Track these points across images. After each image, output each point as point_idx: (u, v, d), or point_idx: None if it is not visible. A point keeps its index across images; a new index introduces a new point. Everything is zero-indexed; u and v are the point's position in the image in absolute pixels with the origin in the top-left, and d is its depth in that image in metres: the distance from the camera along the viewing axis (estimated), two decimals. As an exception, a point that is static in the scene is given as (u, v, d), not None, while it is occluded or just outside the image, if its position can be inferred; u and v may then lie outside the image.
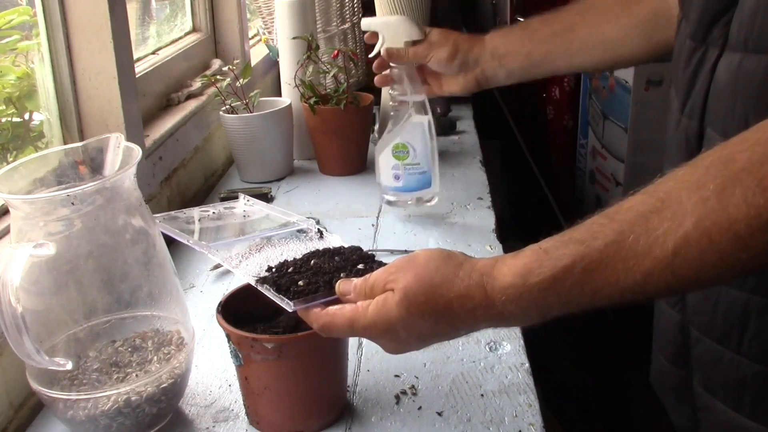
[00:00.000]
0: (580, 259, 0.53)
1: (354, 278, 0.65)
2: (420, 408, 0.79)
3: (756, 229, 0.47)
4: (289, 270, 0.70)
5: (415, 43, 1.08)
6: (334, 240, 0.77)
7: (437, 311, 0.58)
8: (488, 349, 0.88)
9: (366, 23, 1.28)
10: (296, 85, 1.42)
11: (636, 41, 0.94)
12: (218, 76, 1.49)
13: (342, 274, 0.67)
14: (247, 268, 0.71)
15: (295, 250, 0.75)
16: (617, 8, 0.95)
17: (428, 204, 1.22)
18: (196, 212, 0.84)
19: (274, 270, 0.70)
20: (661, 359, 0.76)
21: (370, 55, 1.39)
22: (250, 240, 0.78)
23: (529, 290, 0.55)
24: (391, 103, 1.20)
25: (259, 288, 0.68)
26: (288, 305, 0.64)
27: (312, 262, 0.71)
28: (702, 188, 0.49)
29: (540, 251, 0.55)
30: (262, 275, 0.70)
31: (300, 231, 0.80)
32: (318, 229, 0.80)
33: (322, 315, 0.63)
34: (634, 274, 0.51)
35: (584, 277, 0.53)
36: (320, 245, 0.76)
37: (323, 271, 0.68)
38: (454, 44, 1.04)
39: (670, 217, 0.50)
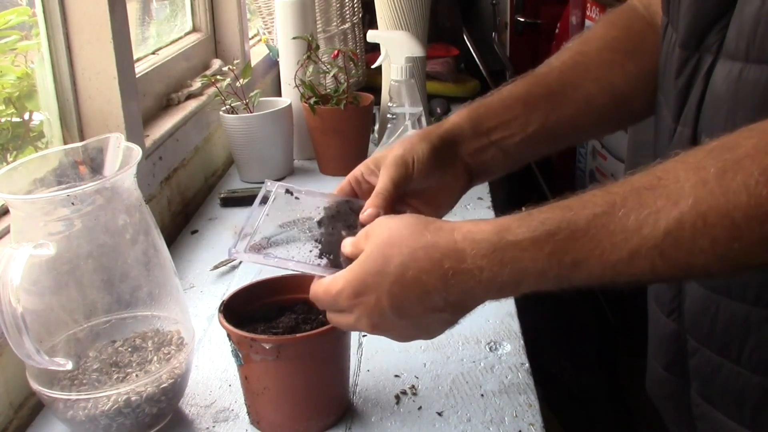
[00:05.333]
0: (566, 225, 0.50)
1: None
2: (420, 408, 0.79)
3: (753, 218, 0.46)
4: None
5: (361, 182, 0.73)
6: (312, 199, 0.74)
7: (402, 263, 0.56)
8: (488, 349, 0.88)
9: (371, 35, 1.30)
10: (296, 85, 1.42)
11: (645, 93, 0.76)
12: (218, 76, 1.49)
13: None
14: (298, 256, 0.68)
15: (298, 221, 0.72)
16: (621, 56, 0.77)
17: None
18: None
19: (328, 255, 0.67)
20: (657, 367, 0.76)
21: (373, 66, 1.40)
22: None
23: (503, 248, 0.52)
24: (388, 115, 1.20)
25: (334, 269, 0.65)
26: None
27: (343, 233, 0.68)
28: (702, 170, 0.48)
29: (524, 213, 0.53)
30: (325, 264, 0.66)
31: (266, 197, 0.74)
32: (286, 189, 0.74)
33: (312, 286, 0.63)
34: (620, 251, 0.49)
35: (566, 245, 0.50)
36: (309, 208, 0.73)
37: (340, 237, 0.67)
38: (423, 137, 0.72)
39: (665, 195, 0.48)
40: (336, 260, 0.66)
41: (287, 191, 0.74)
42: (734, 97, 0.58)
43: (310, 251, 0.68)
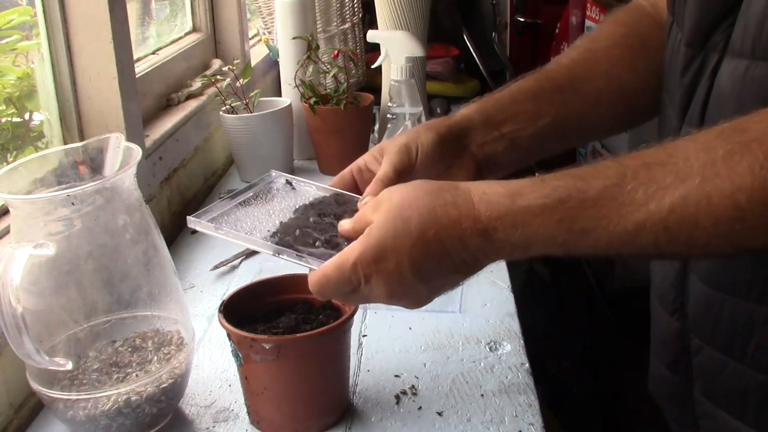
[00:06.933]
0: (576, 194, 0.52)
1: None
2: (420, 408, 0.79)
3: (756, 201, 0.47)
4: (297, 232, 0.66)
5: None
6: (308, 189, 0.74)
7: (423, 222, 0.56)
8: (488, 349, 0.88)
9: (371, 35, 1.30)
10: (296, 85, 1.42)
11: (653, 91, 0.76)
12: (218, 76, 1.49)
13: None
14: (252, 236, 0.66)
15: (278, 207, 0.71)
16: (630, 53, 0.78)
17: None
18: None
19: (280, 235, 0.66)
20: (659, 366, 0.76)
21: (373, 66, 1.39)
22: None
23: (515, 211, 0.54)
24: (388, 115, 1.20)
25: (281, 257, 0.63)
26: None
27: (311, 219, 0.67)
28: (711, 151, 0.49)
29: (537, 179, 0.55)
30: (273, 242, 0.65)
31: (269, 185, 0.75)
32: (286, 180, 0.75)
33: (314, 274, 0.60)
34: (626, 222, 0.51)
35: (576, 213, 0.52)
36: (299, 198, 0.72)
37: (332, 226, 0.65)
38: (430, 127, 0.72)
39: (674, 172, 0.50)
40: (283, 239, 0.64)
41: (287, 182, 0.75)
42: (740, 95, 0.58)
43: (268, 231, 0.66)
